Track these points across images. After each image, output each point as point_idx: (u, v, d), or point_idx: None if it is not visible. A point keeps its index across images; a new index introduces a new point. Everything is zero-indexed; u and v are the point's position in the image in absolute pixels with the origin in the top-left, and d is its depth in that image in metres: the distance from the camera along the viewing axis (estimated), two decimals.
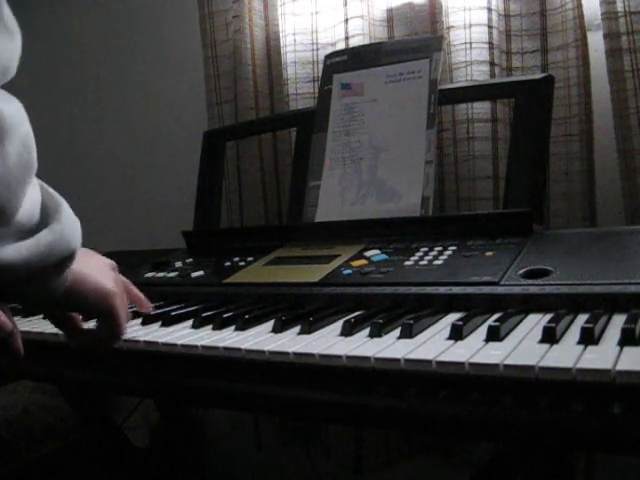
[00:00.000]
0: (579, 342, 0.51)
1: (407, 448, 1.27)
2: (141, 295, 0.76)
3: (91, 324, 0.69)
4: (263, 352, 0.59)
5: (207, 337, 0.67)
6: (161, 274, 1.04)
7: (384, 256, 0.86)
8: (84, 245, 0.59)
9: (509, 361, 0.48)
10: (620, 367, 0.44)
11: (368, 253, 0.87)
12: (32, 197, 0.53)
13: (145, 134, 1.75)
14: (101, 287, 0.62)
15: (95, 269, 0.64)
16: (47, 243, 0.53)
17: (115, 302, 0.64)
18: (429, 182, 0.98)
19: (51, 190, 0.57)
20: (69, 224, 0.56)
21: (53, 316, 0.69)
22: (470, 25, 1.13)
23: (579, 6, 1.08)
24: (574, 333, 0.53)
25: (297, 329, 0.66)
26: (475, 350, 0.51)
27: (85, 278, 0.60)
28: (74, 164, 1.88)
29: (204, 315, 0.75)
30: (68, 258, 0.56)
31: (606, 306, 0.61)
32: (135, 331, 0.74)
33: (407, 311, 0.69)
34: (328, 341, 0.60)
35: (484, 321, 0.62)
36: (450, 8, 1.15)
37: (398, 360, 0.52)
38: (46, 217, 0.54)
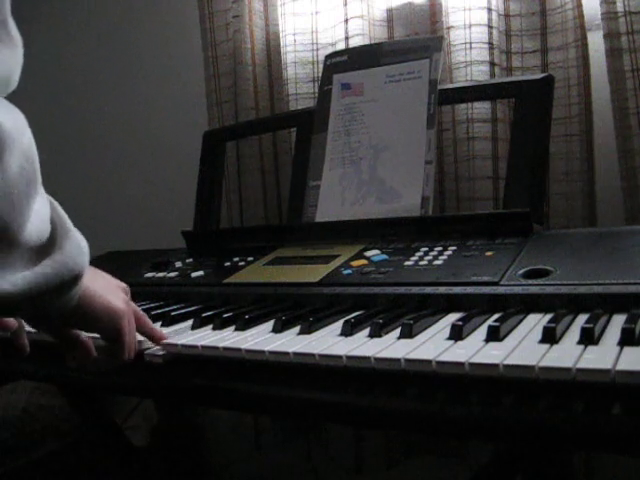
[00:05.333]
0: (579, 342, 0.51)
1: (407, 448, 1.27)
2: (153, 326, 0.71)
3: None
4: (263, 352, 0.59)
5: (207, 337, 0.67)
6: (161, 274, 1.04)
7: (384, 256, 0.86)
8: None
9: (509, 361, 0.48)
10: (620, 367, 0.44)
11: (368, 253, 0.87)
12: (41, 212, 0.51)
13: (145, 134, 1.75)
14: (110, 307, 0.61)
15: (105, 288, 0.62)
16: (45, 275, 0.51)
17: (123, 323, 0.62)
18: (429, 182, 0.98)
19: (58, 208, 0.55)
20: (73, 248, 0.54)
21: (58, 334, 0.67)
22: (470, 25, 1.13)
23: (579, 6, 1.08)
24: (574, 333, 0.53)
25: (297, 329, 0.66)
26: (475, 350, 0.51)
27: (94, 296, 0.59)
28: (74, 164, 1.88)
29: (204, 315, 0.75)
30: (71, 282, 0.54)
31: (606, 306, 0.61)
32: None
33: (407, 311, 0.69)
34: (328, 341, 0.60)
35: (484, 321, 0.62)
36: (450, 8, 1.15)
37: (398, 360, 0.52)
38: (52, 239, 0.52)
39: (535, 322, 0.60)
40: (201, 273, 0.99)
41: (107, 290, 0.62)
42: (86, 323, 0.60)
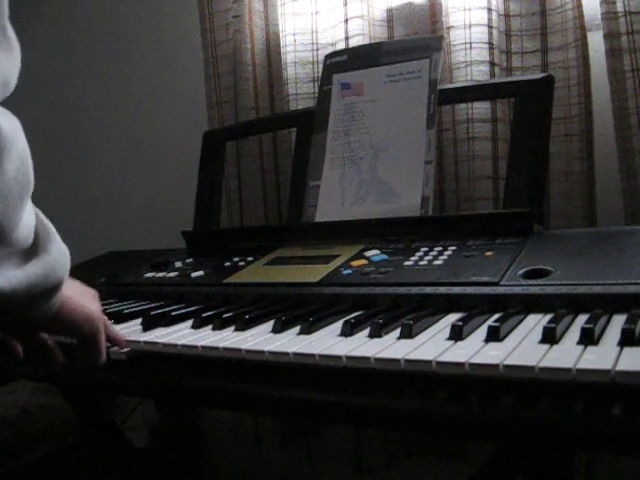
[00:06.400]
0: (579, 342, 0.51)
1: (407, 448, 1.27)
2: (115, 330, 0.73)
3: None
4: (263, 352, 0.59)
5: (207, 337, 0.67)
6: (161, 274, 1.04)
7: (384, 256, 0.86)
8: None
9: (509, 361, 0.48)
10: (620, 367, 0.44)
11: (368, 253, 0.87)
12: (29, 217, 0.52)
13: (145, 134, 1.75)
14: (88, 311, 0.63)
15: (81, 294, 0.64)
16: (36, 275, 0.52)
17: (100, 328, 0.64)
18: (429, 182, 0.98)
19: (42, 216, 0.56)
20: (58, 253, 0.55)
21: (28, 341, 0.67)
22: (470, 25, 1.13)
23: (579, 6, 1.08)
24: (574, 333, 0.53)
25: (297, 329, 0.66)
26: (475, 350, 0.51)
27: (72, 301, 0.60)
28: (74, 164, 1.88)
29: (204, 315, 0.75)
30: (55, 287, 0.56)
31: (606, 306, 0.61)
32: (135, 331, 0.74)
33: (407, 311, 0.69)
34: (328, 341, 0.60)
35: (484, 321, 0.62)
36: (450, 8, 1.15)
37: (398, 360, 0.52)
38: (37, 244, 0.54)
39: (535, 322, 0.60)
40: (201, 273, 0.99)
41: (83, 296, 0.64)
42: (65, 327, 0.62)
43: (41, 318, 0.57)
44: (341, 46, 1.25)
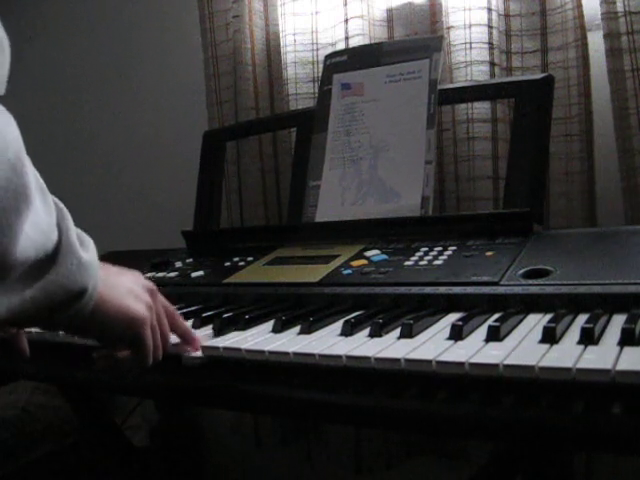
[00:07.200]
0: (579, 342, 0.51)
1: (407, 448, 1.27)
2: (188, 328, 0.68)
3: None
4: (263, 352, 0.59)
5: (207, 337, 0.67)
6: (161, 274, 1.04)
7: (384, 256, 0.86)
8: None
9: (509, 361, 0.48)
10: (620, 367, 0.44)
11: (368, 253, 0.87)
12: (39, 223, 0.47)
13: (145, 134, 1.75)
14: (128, 314, 0.57)
15: (125, 292, 0.58)
16: (34, 298, 0.48)
17: (142, 330, 0.59)
18: (429, 182, 0.98)
19: (68, 220, 0.51)
20: (73, 267, 0.50)
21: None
22: (470, 25, 1.13)
23: (579, 6, 1.08)
24: (574, 333, 0.53)
25: (297, 329, 0.66)
26: (475, 350, 0.51)
27: (109, 305, 0.55)
28: (74, 164, 1.88)
29: (204, 315, 0.75)
30: (72, 299, 0.51)
31: (606, 306, 0.61)
32: None
33: (407, 311, 0.69)
34: (328, 341, 0.60)
35: (484, 321, 0.62)
36: (450, 8, 1.15)
37: (398, 360, 0.52)
38: (55, 253, 0.49)
39: (535, 322, 0.60)
40: (201, 273, 0.99)
41: (127, 295, 0.58)
42: (102, 333, 0.58)
43: (64, 325, 0.55)
44: (341, 46, 1.25)
